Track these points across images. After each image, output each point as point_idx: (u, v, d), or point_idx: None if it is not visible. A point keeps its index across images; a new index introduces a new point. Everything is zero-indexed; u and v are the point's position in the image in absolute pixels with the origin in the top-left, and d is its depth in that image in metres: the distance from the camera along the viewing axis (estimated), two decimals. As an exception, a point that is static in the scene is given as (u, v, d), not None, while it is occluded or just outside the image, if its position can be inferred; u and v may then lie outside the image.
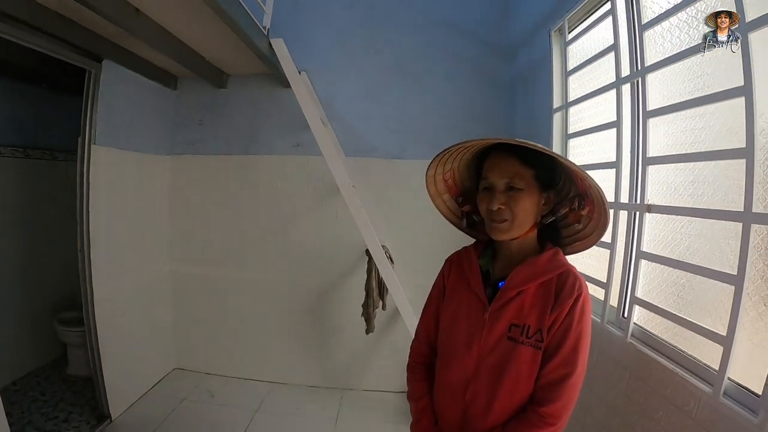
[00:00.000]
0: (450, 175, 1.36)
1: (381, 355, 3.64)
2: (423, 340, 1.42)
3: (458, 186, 1.39)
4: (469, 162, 1.33)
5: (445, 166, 1.32)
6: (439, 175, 1.34)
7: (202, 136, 3.66)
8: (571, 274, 1.19)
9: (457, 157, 1.29)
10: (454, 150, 1.23)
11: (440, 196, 1.40)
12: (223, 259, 3.71)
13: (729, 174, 1.58)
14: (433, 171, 1.32)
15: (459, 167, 1.34)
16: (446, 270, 1.40)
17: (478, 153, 1.29)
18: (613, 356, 2.01)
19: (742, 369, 1.46)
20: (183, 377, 3.67)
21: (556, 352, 1.14)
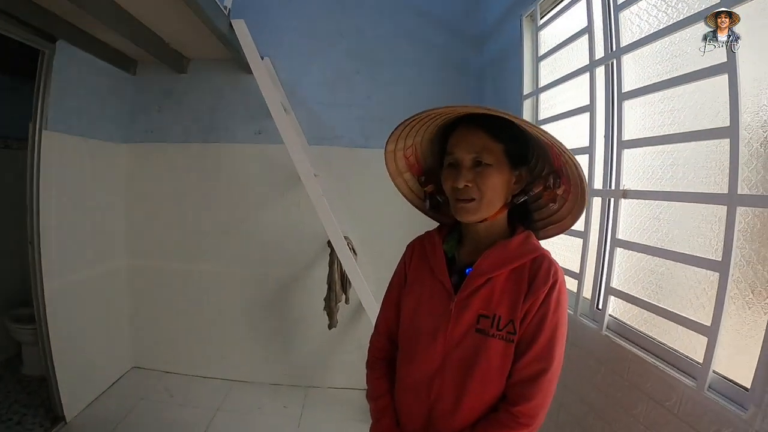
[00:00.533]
0: (412, 151, 1.23)
1: (346, 350, 3.54)
2: (383, 332, 1.30)
3: (420, 164, 1.27)
4: (433, 137, 1.21)
5: (406, 141, 1.18)
6: (399, 151, 1.21)
7: (160, 123, 3.49)
8: (546, 259, 1.08)
9: (419, 131, 1.16)
10: (417, 121, 1.10)
11: (401, 174, 1.27)
12: (181, 252, 3.56)
13: (709, 155, 1.51)
14: (392, 146, 1.19)
15: (422, 142, 1.21)
16: (408, 256, 1.27)
17: (443, 127, 1.16)
18: (588, 349, 1.93)
19: (728, 361, 1.38)
20: (141, 376, 3.52)
21: (530, 345, 1.03)
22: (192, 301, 3.58)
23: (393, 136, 1.16)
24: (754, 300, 1.33)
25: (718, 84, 1.45)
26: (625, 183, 1.83)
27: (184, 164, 3.49)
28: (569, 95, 2.29)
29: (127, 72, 3.40)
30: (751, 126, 1.33)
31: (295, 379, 3.58)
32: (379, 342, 1.30)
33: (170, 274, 3.56)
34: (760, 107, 1.30)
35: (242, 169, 3.47)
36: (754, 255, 1.33)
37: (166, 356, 3.62)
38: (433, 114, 1.07)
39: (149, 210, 3.54)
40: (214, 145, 3.47)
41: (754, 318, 1.33)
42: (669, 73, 1.65)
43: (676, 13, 1.60)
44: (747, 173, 1.33)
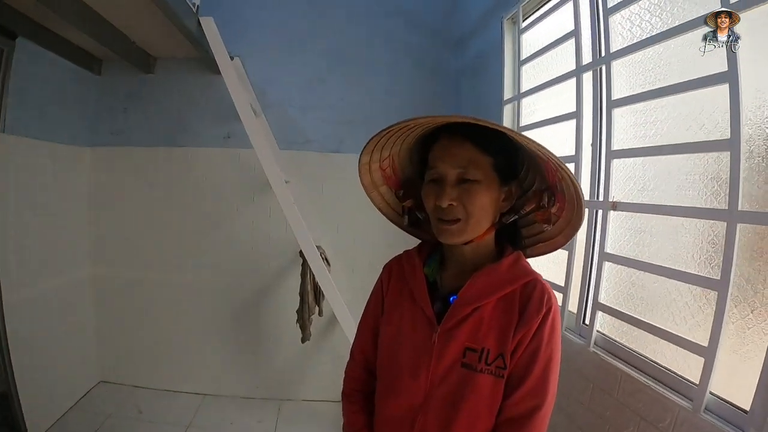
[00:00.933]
0: (389, 162, 1.10)
1: (320, 362, 3.44)
2: (359, 361, 1.17)
3: (398, 175, 1.14)
4: (412, 147, 1.08)
5: (382, 151, 1.06)
6: (375, 163, 1.08)
7: (126, 125, 3.35)
8: (538, 284, 0.97)
9: (397, 142, 1.04)
10: (395, 131, 0.98)
11: (376, 187, 1.14)
12: (148, 261, 3.41)
13: (699, 167, 1.47)
14: (367, 158, 1.06)
15: (399, 153, 1.09)
16: (385, 278, 1.14)
17: (423, 137, 1.04)
18: (574, 366, 1.86)
19: (725, 382, 1.33)
20: (109, 391, 3.36)
21: (522, 380, 0.92)
22: (160, 312, 3.44)
23: (368, 148, 1.03)
24: (754, 320, 1.28)
25: (710, 94, 1.41)
26: (614, 194, 1.77)
27: (150, 169, 3.36)
28: (552, 102, 2.24)
29: (92, 71, 3.25)
30: (753, 139, 1.28)
31: (268, 392, 3.47)
32: (356, 372, 1.18)
33: (137, 284, 3.42)
34: (764, 119, 1.25)
35: (211, 174, 3.35)
36: (755, 273, 1.28)
37: (134, 370, 3.47)
38: (412, 124, 0.96)
39: (114, 217, 3.39)
40: (181, 149, 3.34)
41: (753, 338, 1.28)
42: (661, 80, 1.60)
43: (670, 18, 1.55)
44: (748, 188, 1.28)
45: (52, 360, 2.95)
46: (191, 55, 3.08)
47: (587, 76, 1.92)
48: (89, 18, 2.43)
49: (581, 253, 1.94)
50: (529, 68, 2.41)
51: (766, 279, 1.25)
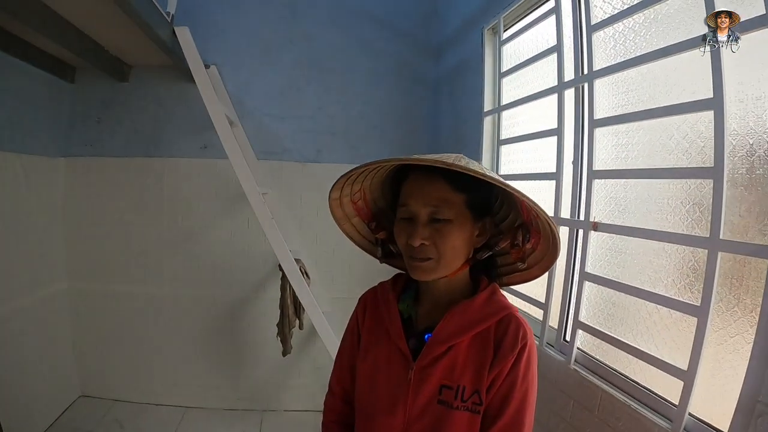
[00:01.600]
0: (360, 195, 1.09)
1: (302, 372, 3.42)
2: (338, 395, 1.15)
3: (370, 208, 1.13)
4: (384, 180, 1.08)
5: (353, 186, 1.05)
6: (346, 197, 1.08)
7: (100, 135, 3.25)
8: (513, 319, 0.96)
9: (368, 176, 1.03)
10: (363, 170, 0.98)
11: (349, 219, 1.14)
12: (126, 274, 3.32)
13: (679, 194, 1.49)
14: (338, 193, 1.05)
15: (371, 186, 1.08)
16: (360, 312, 1.12)
17: (395, 170, 1.04)
18: (555, 382, 1.88)
19: (704, 403, 1.35)
20: (89, 406, 3.28)
21: (497, 416, 0.92)
22: (139, 326, 3.37)
23: (337, 185, 1.02)
24: (733, 345, 1.30)
25: (695, 119, 1.43)
26: (595, 215, 1.78)
27: (125, 180, 3.27)
28: (533, 115, 2.24)
29: (65, 80, 3.14)
30: (736, 167, 1.29)
31: (250, 403, 3.43)
32: (335, 404, 1.16)
33: (115, 297, 3.34)
34: (747, 131, 1.27)
35: (187, 185, 3.28)
36: (734, 301, 1.31)
37: (114, 384, 3.39)
38: (384, 164, 0.94)
39: (90, 229, 3.29)
40: (157, 160, 3.26)
41: (732, 363, 1.30)
42: (645, 101, 1.62)
43: (656, 39, 1.55)
44: (729, 216, 1.30)
45: (30, 377, 2.87)
46: (167, 63, 3.00)
47: (569, 93, 1.92)
48: (60, 27, 2.34)
49: (562, 272, 1.95)
50: (509, 80, 2.40)
51: (745, 306, 1.27)
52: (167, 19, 2.56)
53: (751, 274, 1.26)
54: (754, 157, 1.26)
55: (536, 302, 2.04)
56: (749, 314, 1.26)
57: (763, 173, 1.23)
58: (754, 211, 1.26)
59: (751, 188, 1.27)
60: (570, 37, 1.91)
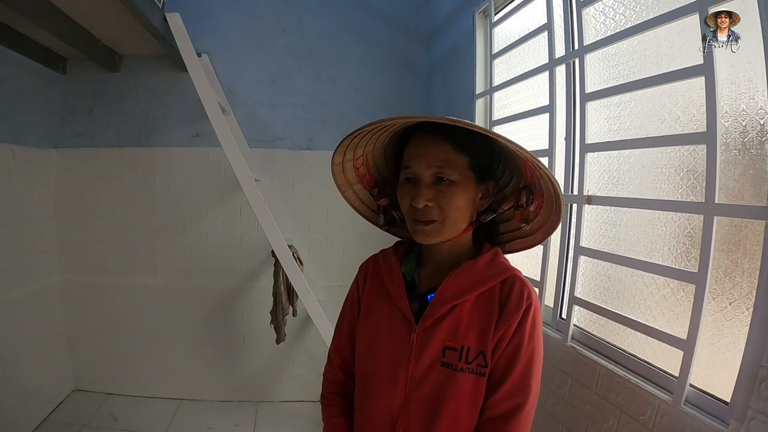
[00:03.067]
0: (362, 161, 1.07)
1: (296, 362, 3.40)
2: (337, 365, 1.13)
3: (372, 174, 1.11)
4: (386, 145, 1.06)
5: (356, 151, 1.03)
6: (348, 162, 1.06)
7: (92, 126, 3.23)
8: (518, 279, 0.95)
9: (371, 141, 1.01)
10: (368, 131, 0.95)
11: (351, 186, 1.12)
12: (118, 266, 3.30)
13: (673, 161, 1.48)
14: (340, 158, 1.03)
15: (374, 152, 1.06)
16: (361, 278, 1.11)
17: (398, 135, 1.02)
18: (552, 360, 1.86)
19: (705, 374, 1.34)
20: (83, 400, 3.26)
21: (504, 378, 0.90)
22: (132, 317, 3.34)
23: (340, 148, 1.00)
24: (732, 312, 1.29)
25: (685, 87, 1.42)
26: (589, 188, 1.77)
27: (117, 170, 3.25)
28: (525, 95, 2.23)
29: (56, 71, 3.11)
30: (729, 132, 1.28)
31: (245, 394, 3.41)
32: (334, 375, 1.14)
33: (108, 289, 3.31)
34: (740, 112, 1.26)
35: (180, 174, 3.26)
36: (732, 266, 1.29)
37: (108, 377, 3.37)
38: (387, 124, 0.93)
39: (82, 221, 3.27)
40: (149, 149, 3.24)
41: (732, 330, 1.29)
42: (635, 73, 1.60)
43: (645, 11, 1.54)
44: (724, 181, 1.29)
45: (24, 371, 2.86)
46: (158, 52, 2.98)
47: (560, 70, 1.91)
48: (52, 15, 2.32)
49: (556, 247, 1.94)
50: (501, 62, 2.40)
51: (743, 271, 1.26)
52: (158, 5, 2.54)
53: (749, 238, 1.25)
54: (746, 120, 1.24)
55: (531, 281, 2.01)
56: (748, 279, 1.24)
57: (756, 135, 1.22)
58: (748, 174, 1.25)
59: (745, 151, 1.26)
60: (560, 15, 1.90)
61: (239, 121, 3.18)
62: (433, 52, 3.25)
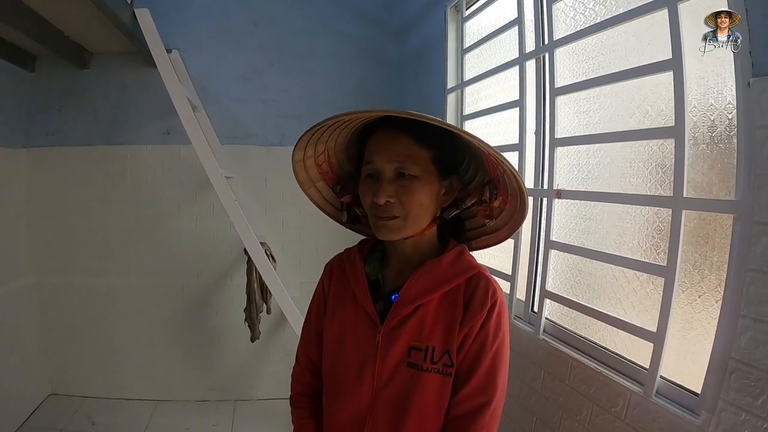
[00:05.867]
0: (324, 157, 1.05)
1: (273, 360, 3.38)
2: (305, 366, 1.12)
3: (335, 171, 1.09)
4: (348, 141, 1.04)
5: (317, 146, 1.00)
6: (310, 159, 1.03)
7: (61, 124, 3.14)
8: (483, 277, 0.94)
9: (332, 136, 0.99)
10: (328, 125, 0.93)
11: (313, 184, 1.09)
12: (92, 266, 3.22)
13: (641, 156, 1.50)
14: (301, 154, 1.01)
15: (335, 148, 1.04)
16: (326, 278, 1.09)
17: (360, 130, 1.00)
18: (525, 354, 1.88)
19: (675, 366, 1.36)
20: (60, 404, 3.20)
21: (469, 377, 0.90)
22: (107, 319, 3.27)
23: (300, 144, 0.98)
24: (701, 305, 1.31)
25: (654, 82, 1.43)
26: (559, 182, 1.78)
27: (88, 169, 3.17)
28: (496, 89, 2.23)
29: (25, 69, 3.01)
30: (697, 126, 1.30)
31: (222, 393, 3.38)
32: (302, 376, 1.13)
33: (81, 289, 3.24)
34: (708, 107, 1.27)
35: (151, 172, 3.19)
36: (701, 259, 1.31)
37: (84, 380, 3.30)
38: (346, 119, 0.91)
39: (54, 221, 3.18)
40: (120, 147, 3.17)
41: (701, 323, 1.31)
42: (605, 68, 1.61)
43: (615, 6, 1.55)
44: (693, 175, 1.31)
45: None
46: (127, 49, 2.90)
47: (530, 64, 1.91)
48: (19, 12, 2.23)
49: (527, 241, 1.95)
50: (472, 56, 2.40)
51: (712, 264, 1.28)
52: (127, 1, 2.48)
53: (717, 231, 1.27)
54: (715, 114, 1.26)
55: (503, 275, 2.04)
56: (717, 272, 1.27)
57: (724, 129, 1.24)
58: (716, 168, 1.27)
59: (713, 145, 1.27)
60: (531, 10, 1.90)
61: (211, 118, 3.12)
62: (405, 47, 3.24)
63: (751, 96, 1.12)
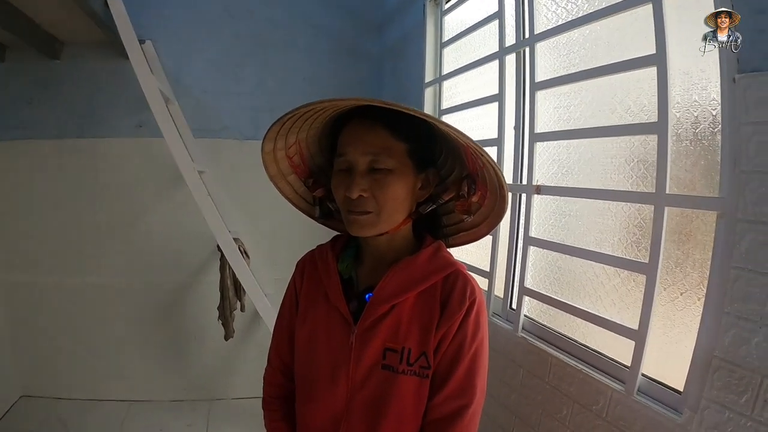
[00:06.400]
0: (296, 149, 1.00)
1: (248, 358, 3.31)
2: (277, 367, 1.08)
3: (307, 164, 1.05)
4: (320, 132, 0.99)
5: (287, 138, 0.96)
6: (280, 151, 0.99)
7: (31, 117, 3.01)
8: (461, 275, 0.91)
9: (303, 127, 0.94)
10: (298, 115, 0.88)
11: (284, 177, 1.05)
12: (61, 264, 3.11)
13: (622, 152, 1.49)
14: (271, 145, 0.96)
15: (307, 139, 1.00)
16: (298, 276, 1.05)
17: (333, 121, 0.95)
18: (503, 351, 1.85)
19: (657, 364, 1.36)
20: (31, 406, 3.12)
21: (446, 379, 0.87)
22: (78, 318, 3.16)
23: (269, 135, 0.93)
24: (683, 302, 1.31)
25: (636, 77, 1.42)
26: (538, 178, 1.76)
27: (58, 163, 3.05)
28: (475, 84, 2.20)
29: None
30: (680, 122, 1.29)
31: (196, 393, 3.30)
32: (274, 377, 1.08)
33: (51, 289, 3.12)
34: (691, 103, 1.26)
35: (123, 166, 3.09)
36: (683, 257, 1.31)
37: (56, 381, 3.19)
38: (317, 107, 0.86)
39: (23, 218, 3.06)
40: (90, 141, 3.05)
41: (683, 320, 1.30)
42: (586, 63, 1.60)
43: (597, 0, 1.53)
44: (675, 171, 1.30)
45: None
46: (100, 38, 2.78)
47: (510, 58, 1.89)
48: None
49: (506, 238, 1.93)
50: (450, 50, 2.37)
51: (695, 262, 1.28)
52: None
53: (700, 229, 1.26)
54: (698, 110, 1.25)
55: (481, 271, 2.01)
56: (699, 269, 1.26)
57: (707, 126, 1.23)
58: (699, 165, 1.26)
59: (696, 142, 1.27)
60: (511, 4, 1.87)
61: (184, 111, 3.02)
62: (383, 41, 3.19)
63: (737, 92, 1.10)
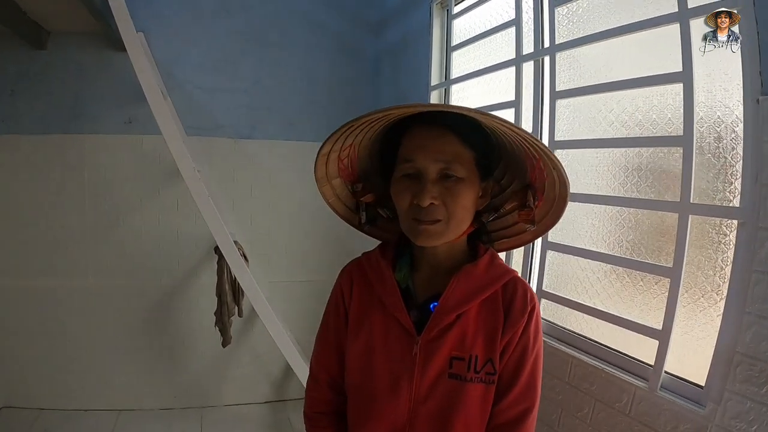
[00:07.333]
0: (348, 152, 0.97)
1: (240, 363, 3.25)
2: (324, 381, 1.04)
3: (355, 168, 1.01)
4: (375, 137, 0.96)
5: (345, 141, 0.93)
6: (335, 153, 0.95)
7: (14, 110, 2.89)
8: (519, 282, 0.93)
9: (363, 130, 0.92)
10: (365, 121, 0.87)
11: (329, 180, 1.01)
12: (46, 267, 3.00)
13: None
14: (329, 147, 0.92)
15: (361, 143, 0.96)
16: (345, 286, 1.01)
17: (389, 126, 0.93)
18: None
19: (677, 360, 1.44)
20: (14, 417, 3.00)
21: (512, 384, 0.88)
22: (63, 324, 3.06)
23: (333, 137, 0.90)
24: (705, 303, 1.40)
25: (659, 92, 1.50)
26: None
27: (42, 160, 2.94)
28: (484, 89, 2.25)
29: None
30: (703, 136, 1.38)
31: (187, 400, 3.23)
32: (320, 393, 1.05)
33: (35, 293, 3.01)
34: (715, 120, 1.35)
35: (111, 164, 3.00)
36: (704, 261, 1.40)
37: (40, 390, 3.08)
38: (395, 113, 0.83)
39: (5, 218, 2.96)
40: (77, 137, 2.95)
41: (704, 320, 1.40)
42: (605, 75, 1.67)
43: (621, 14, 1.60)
44: (697, 182, 1.38)
45: None
46: (90, 28, 2.68)
47: (528, 66, 1.94)
48: None
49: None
50: (458, 54, 2.41)
51: (715, 265, 1.37)
52: None
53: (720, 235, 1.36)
54: (721, 127, 1.34)
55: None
56: (720, 272, 1.35)
57: (729, 142, 1.32)
58: (720, 177, 1.36)
59: (719, 155, 1.36)
60: (528, 12, 1.93)
61: (176, 107, 2.94)
62: (382, 42, 3.20)
63: (761, 113, 1.19)
